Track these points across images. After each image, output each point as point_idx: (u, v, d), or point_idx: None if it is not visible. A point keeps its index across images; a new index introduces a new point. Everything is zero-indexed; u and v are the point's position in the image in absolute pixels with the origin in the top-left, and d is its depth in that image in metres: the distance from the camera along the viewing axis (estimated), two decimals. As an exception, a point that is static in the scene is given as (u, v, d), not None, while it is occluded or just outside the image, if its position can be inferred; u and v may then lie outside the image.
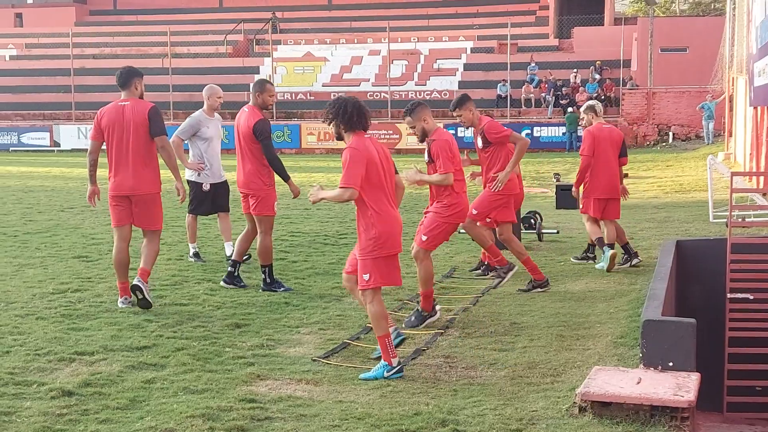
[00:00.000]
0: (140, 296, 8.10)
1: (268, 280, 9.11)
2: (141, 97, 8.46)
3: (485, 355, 6.77)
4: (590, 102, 11.07)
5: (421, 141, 8.05)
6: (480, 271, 10.27)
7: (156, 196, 8.40)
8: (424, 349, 6.95)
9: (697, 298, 9.53)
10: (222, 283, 9.30)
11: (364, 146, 6.31)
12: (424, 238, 7.86)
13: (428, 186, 8.29)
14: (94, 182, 8.63)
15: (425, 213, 8.20)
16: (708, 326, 8.53)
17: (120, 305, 8.34)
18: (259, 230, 9.09)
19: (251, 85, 9.01)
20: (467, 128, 9.64)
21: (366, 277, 6.26)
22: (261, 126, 8.93)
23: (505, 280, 9.14)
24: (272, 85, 9.35)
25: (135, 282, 8.17)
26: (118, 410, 5.54)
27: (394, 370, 6.21)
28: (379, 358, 6.38)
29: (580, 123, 11.37)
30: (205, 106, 10.77)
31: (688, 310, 8.73)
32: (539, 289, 9.02)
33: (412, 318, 7.73)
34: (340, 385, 6.08)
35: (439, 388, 6.02)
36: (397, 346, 6.73)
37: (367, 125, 6.48)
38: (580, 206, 10.82)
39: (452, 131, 32.57)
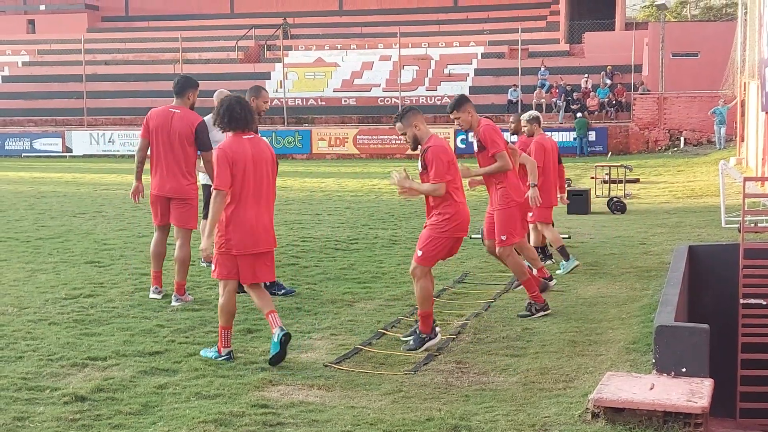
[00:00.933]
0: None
1: (267, 283, 8.93)
2: (192, 108, 8.81)
3: (497, 361, 6.76)
4: (534, 113, 11.29)
5: (414, 149, 7.45)
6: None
7: (194, 200, 8.78)
8: (435, 355, 6.94)
9: (709, 304, 9.50)
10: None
11: (231, 148, 6.66)
12: (419, 253, 7.26)
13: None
14: (139, 179, 8.89)
15: (425, 226, 7.45)
16: (721, 332, 8.50)
17: (151, 295, 8.73)
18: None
19: (247, 90, 9.00)
20: (466, 132, 9.15)
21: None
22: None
23: (535, 316, 8.20)
24: (266, 92, 9.28)
25: (172, 302, 8.64)
26: (131, 415, 5.55)
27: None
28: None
29: (521, 132, 11.11)
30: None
31: (701, 316, 8.71)
32: (541, 313, 8.23)
33: (410, 342, 7.20)
34: (352, 391, 6.08)
35: (451, 393, 6.01)
36: (283, 345, 6.58)
37: (240, 126, 6.76)
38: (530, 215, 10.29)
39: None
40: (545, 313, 8.20)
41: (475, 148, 8.54)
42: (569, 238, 12.84)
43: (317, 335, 7.57)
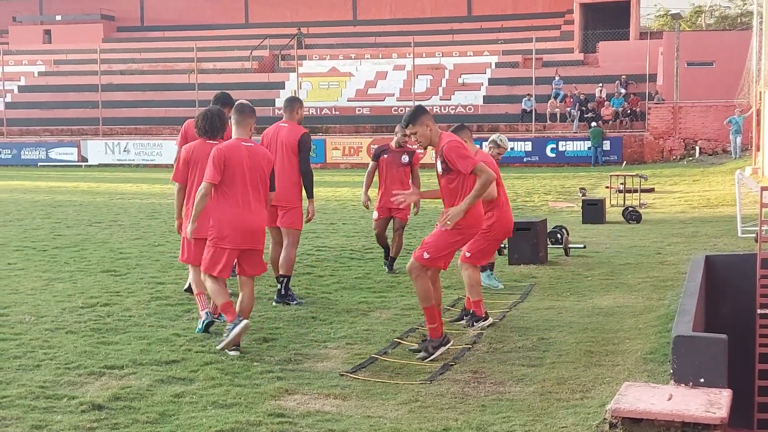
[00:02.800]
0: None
1: (282, 292, 9.21)
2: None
3: (513, 371, 6.74)
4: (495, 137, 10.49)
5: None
6: (464, 321, 8.43)
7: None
8: (452, 364, 6.93)
9: (727, 314, 9.44)
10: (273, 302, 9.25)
11: (192, 148, 8.04)
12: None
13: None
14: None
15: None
16: (738, 342, 8.45)
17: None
18: (286, 242, 9.27)
19: (284, 101, 9.51)
20: (423, 149, 7.67)
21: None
22: (306, 138, 9.30)
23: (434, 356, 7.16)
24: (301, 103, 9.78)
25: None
26: (148, 424, 5.56)
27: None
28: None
29: (498, 157, 10.23)
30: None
31: (718, 326, 8.65)
32: (442, 350, 7.18)
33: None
34: (369, 400, 6.07)
35: (468, 403, 6.00)
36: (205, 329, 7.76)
37: (206, 133, 8.06)
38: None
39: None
40: (446, 348, 7.11)
41: (439, 169, 7.29)
42: (584, 247, 12.81)
43: (333, 344, 7.57)
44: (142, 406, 5.89)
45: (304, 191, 9.32)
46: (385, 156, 11.33)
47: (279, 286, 9.27)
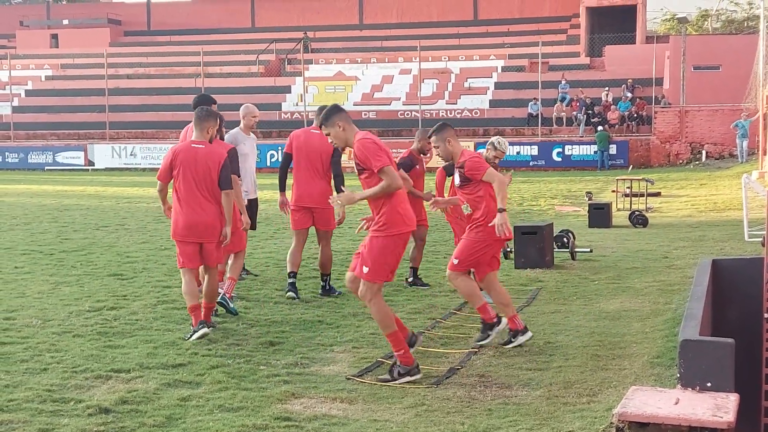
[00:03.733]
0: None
1: (327, 287, 9.97)
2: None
3: (520, 375, 6.74)
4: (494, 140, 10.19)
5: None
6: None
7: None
8: (458, 368, 6.93)
9: (733, 318, 9.41)
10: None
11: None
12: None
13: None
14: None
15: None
16: (745, 346, 8.42)
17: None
18: (323, 242, 10.02)
19: (318, 108, 9.87)
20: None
21: None
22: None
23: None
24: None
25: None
26: (155, 427, 5.57)
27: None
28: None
29: (495, 160, 9.85)
30: (241, 125, 10.86)
31: (725, 330, 8.63)
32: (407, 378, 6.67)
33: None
34: (375, 404, 6.07)
35: (474, 407, 6.00)
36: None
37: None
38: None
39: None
40: (410, 380, 6.58)
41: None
42: (591, 251, 12.79)
43: (339, 348, 7.57)
44: (149, 410, 5.90)
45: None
46: (417, 167, 10.54)
47: (323, 282, 10.05)
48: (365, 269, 6.66)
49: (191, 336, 7.75)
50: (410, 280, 10.63)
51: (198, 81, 40.68)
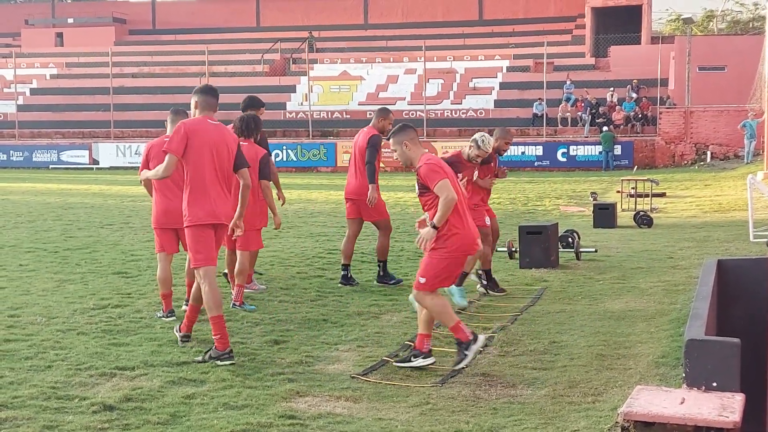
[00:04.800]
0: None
1: (381, 273, 10.47)
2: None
3: (525, 374, 6.72)
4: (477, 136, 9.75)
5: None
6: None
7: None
8: (463, 367, 6.91)
9: (739, 318, 9.39)
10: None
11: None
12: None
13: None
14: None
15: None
16: (751, 347, 8.40)
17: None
18: (380, 231, 10.52)
19: (377, 109, 10.58)
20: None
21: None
22: (375, 139, 10.13)
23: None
24: (393, 115, 10.55)
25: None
26: (159, 425, 5.57)
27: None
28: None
29: (477, 159, 9.52)
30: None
31: (730, 330, 8.61)
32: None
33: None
34: (380, 403, 6.06)
35: (479, 406, 5.99)
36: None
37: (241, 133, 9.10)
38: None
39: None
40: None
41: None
42: (596, 251, 12.77)
43: (344, 347, 7.57)
44: (153, 407, 5.90)
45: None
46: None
47: (378, 269, 10.53)
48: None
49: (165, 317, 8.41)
50: (485, 283, 10.12)
51: (203, 80, 40.66)
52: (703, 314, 6.77)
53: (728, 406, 5.36)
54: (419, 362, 6.90)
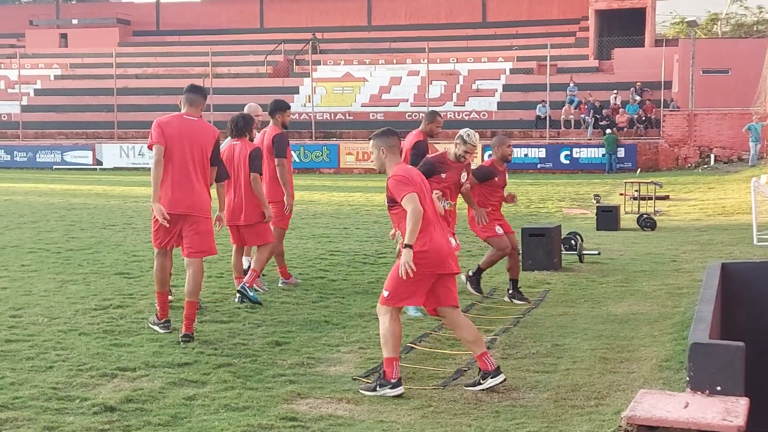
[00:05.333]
0: None
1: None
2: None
3: (527, 377, 6.69)
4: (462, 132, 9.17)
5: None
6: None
7: None
8: (465, 370, 6.88)
9: (743, 322, 9.35)
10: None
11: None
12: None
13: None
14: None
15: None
16: (755, 350, 8.36)
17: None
18: None
19: (426, 112, 10.37)
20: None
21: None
22: (420, 144, 9.68)
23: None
24: (441, 117, 10.20)
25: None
26: (160, 426, 5.54)
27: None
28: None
29: (466, 155, 8.94)
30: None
31: (734, 334, 8.57)
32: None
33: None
34: (381, 405, 6.03)
35: (481, 409, 5.96)
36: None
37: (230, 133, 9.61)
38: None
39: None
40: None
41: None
42: (599, 254, 12.74)
43: (346, 348, 7.54)
44: (154, 409, 5.87)
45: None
46: (496, 179, 9.91)
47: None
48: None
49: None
50: (510, 292, 9.80)
51: (206, 81, 40.66)
52: (707, 318, 6.73)
53: (732, 411, 5.32)
54: (488, 383, 6.32)
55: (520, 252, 11.95)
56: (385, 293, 6.41)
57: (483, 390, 6.27)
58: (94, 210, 19.97)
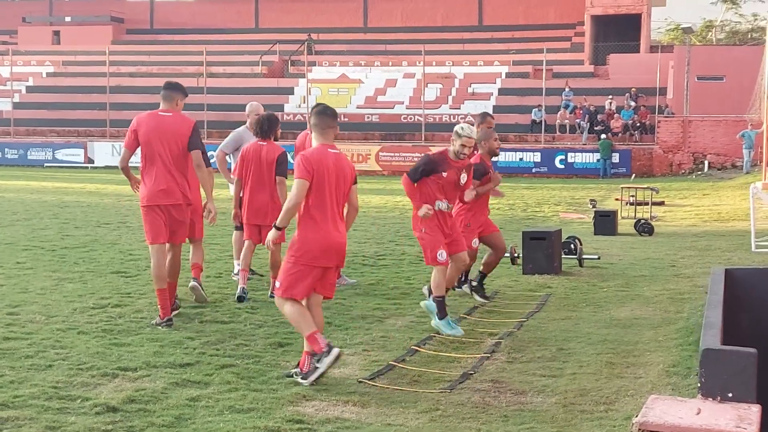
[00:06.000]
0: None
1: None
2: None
3: (534, 381, 6.62)
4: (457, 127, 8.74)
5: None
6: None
7: None
8: (471, 373, 6.81)
9: (747, 328, 9.31)
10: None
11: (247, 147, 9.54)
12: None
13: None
14: None
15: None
16: (760, 356, 8.32)
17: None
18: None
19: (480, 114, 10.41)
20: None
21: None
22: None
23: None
24: (492, 117, 10.47)
25: None
26: (164, 427, 5.45)
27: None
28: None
29: (465, 150, 8.41)
30: (247, 123, 10.92)
31: (738, 340, 8.52)
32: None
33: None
34: (388, 408, 5.95)
35: (490, 413, 5.88)
36: None
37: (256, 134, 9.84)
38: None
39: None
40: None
41: None
42: (599, 258, 12.69)
43: (349, 351, 7.44)
44: (158, 409, 5.78)
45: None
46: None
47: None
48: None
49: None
50: (474, 285, 9.89)
51: (200, 81, 40.53)
52: (716, 323, 6.68)
53: (745, 418, 5.26)
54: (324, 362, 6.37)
55: (520, 255, 11.91)
56: (277, 284, 6.69)
57: (321, 373, 6.37)
58: (88, 208, 19.84)
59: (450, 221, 8.54)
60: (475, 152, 9.40)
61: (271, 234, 6.74)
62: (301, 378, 6.41)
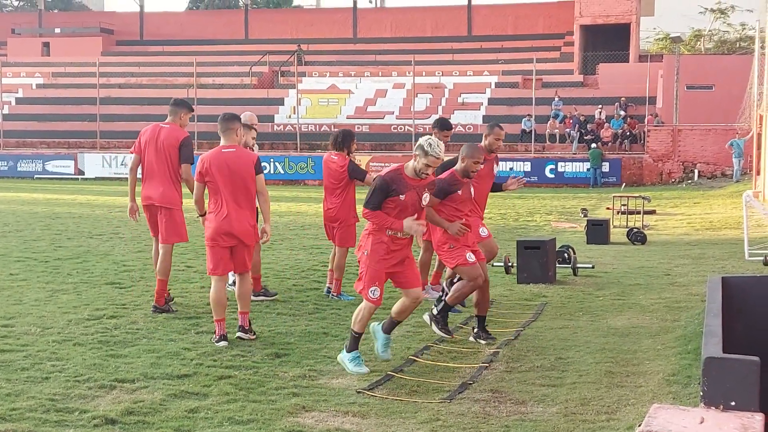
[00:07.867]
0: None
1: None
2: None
3: (534, 390, 6.59)
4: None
5: None
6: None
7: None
8: (470, 383, 6.78)
9: (744, 336, 9.32)
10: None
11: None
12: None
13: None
14: None
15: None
16: (761, 365, 8.31)
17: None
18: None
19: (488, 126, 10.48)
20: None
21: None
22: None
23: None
24: (500, 128, 10.55)
25: None
26: (164, 439, 5.41)
27: None
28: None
29: (428, 170, 7.12)
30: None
31: (735, 347, 8.52)
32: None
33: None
34: (388, 419, 5.92)
35: (490, 423, 5.85)
36: None
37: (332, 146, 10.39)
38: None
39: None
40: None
41: None
42: (593, 267, 12.68)
43: (347, 361, 7.40)
44: (156, 421, 5.73)
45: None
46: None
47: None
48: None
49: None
50: (476, 331, 8.39)
51: (190, 92, 40.47)
52: (717, 331, 6.66)
53: (749, 427, 5.24)
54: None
55: (514, 265, 11.89)
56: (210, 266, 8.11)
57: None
58: (79, 219, 19.75)
59: (405, 251, 7.37)
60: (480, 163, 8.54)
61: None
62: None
